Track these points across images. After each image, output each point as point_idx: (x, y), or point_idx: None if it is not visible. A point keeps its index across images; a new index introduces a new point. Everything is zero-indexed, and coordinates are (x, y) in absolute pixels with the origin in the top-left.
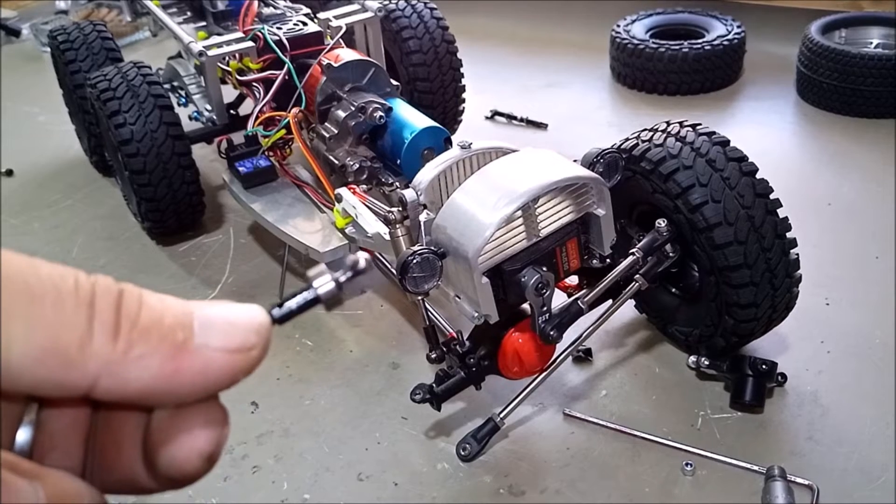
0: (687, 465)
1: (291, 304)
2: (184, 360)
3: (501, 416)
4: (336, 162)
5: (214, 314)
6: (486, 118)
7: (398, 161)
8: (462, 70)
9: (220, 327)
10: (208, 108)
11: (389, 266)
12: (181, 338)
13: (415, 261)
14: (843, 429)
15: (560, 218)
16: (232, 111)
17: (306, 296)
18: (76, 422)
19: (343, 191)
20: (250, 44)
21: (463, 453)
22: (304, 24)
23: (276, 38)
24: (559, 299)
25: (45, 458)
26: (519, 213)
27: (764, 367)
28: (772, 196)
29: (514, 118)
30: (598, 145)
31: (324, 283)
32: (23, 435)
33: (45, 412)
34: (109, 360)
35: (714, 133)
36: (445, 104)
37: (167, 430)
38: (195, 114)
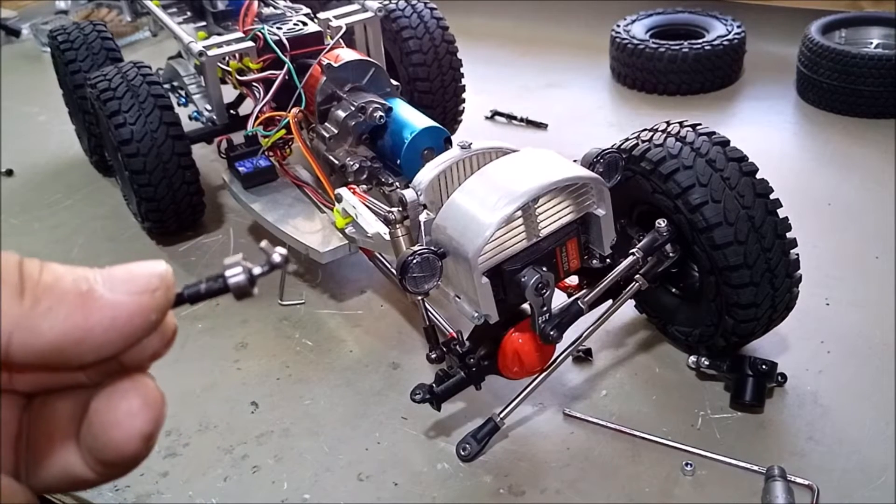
0: (687, 465)
1: (201, 286)
2: (91, 307)
3: (501, 416)
4: (336, 162)
5: (115, 269)
6: (486, 118)
7: (398, 161)
8: (462, 70)
9: (122, 277)
10: (208, 108)
11: (389, 266)
12: (84, 288)
13: (415, 261)
14: (843, 429)
15: (560, 218)
16: (232, 111)
17: (217, 283)
18: (6, 420)
19: (343, 191)
20: (250, 44)
21: (463, 453)
22: (304, 24)
23: (276, 38)
24: (559, 299)
25: None
26: (519, 213)
27: (764, 367)
28: (772, 196)
29: (514, 118)
30: (598, 145)
31: (235, 273)
32: None
33: None
34: (19, 315)
35: (714, 133)
36: (445, 104)
37: (105, 413)
38: (195, 114)
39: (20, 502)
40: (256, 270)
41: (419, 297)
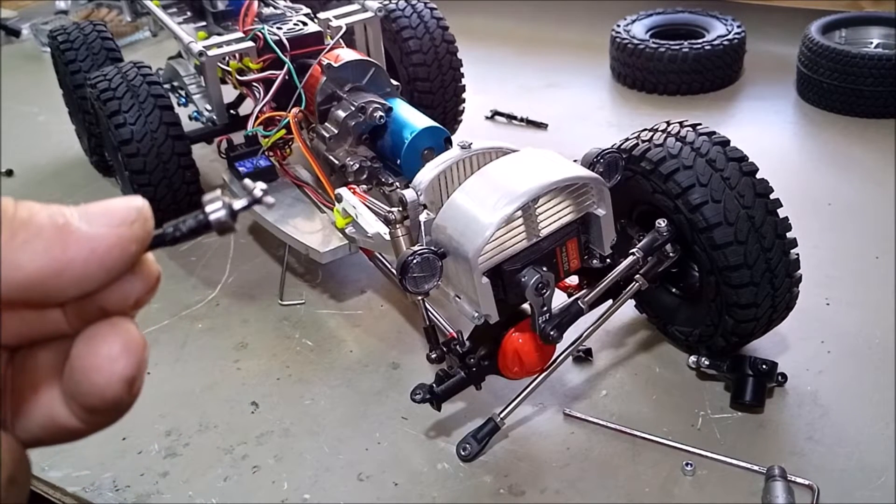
0: (687, 465)
1: (182, 225)
2: (68, 240)
3: (501, 416)
4: (336, 162)
5: (91, 205)
6: (486, 118)
7: (398, 161)
8: (462, 70)
9: (98, 211)
10: (208, 108)
11: (389, 266)
12: (61, 221)
13: (415, 261)
14: (843, 429)
15: (560, 218)
16: (232, 111)
17: (198, 219)
18: None
19: (343, 191)
20: (250, 44)
21: (463, 453)
22: (304, 24)
23: (276, 38)
24: (559, 299)
25: None
26: (519, 213)
27: (764, 367)
28: (772, 196)
29: (514, 118)
30: (598, 145)
31: (215, 208)
32: None
33: None
34: None
35: (714, 133)
36: (445, 104)
37: (85, 357)
38: (195, 114)
39: (6, 451)
40: (237, 205)
41: (419, 297)
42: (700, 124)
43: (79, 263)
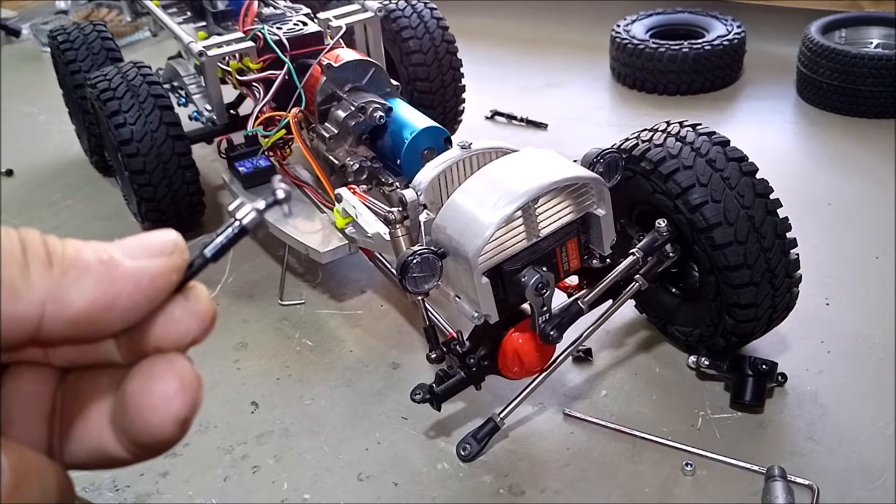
0: (687, 465)
1: (220, 239)
2: (115, 275)
3: (501, 416)
4: (336, 162)
5: (128, 240)
6: (486, 118)
7: (398, 161)
8: (462, 70)
9: (137, 245)
10: (208, 108)
11: (389, 266)
12: (106, 257)
13: (415, 261)
14: (843, 429)
15: (560, 218)
16: (232, 111)
17: (233, 228)
18: (37, 396)
19: (343, 191)
20: (250, 44)
21: (463, 453)
22: (304, 24)
23: (276, 38)
24: (559, 299)
25: (5, 433)
26: (519, 213)
27: (764, 367)
28: (772, 196)
29: (514, 118)
30: (598, 145)
31: (246, 212)
32: None
33: (4, 385)
34: (50, 285)
35: (714, 133)
36: (445, 104)
37: (140, 395)
38: (195, 114)
39: (49, 480)
40: (260, 205)
41: (419, 297)
42: (700, 124)
43: (126, 296)
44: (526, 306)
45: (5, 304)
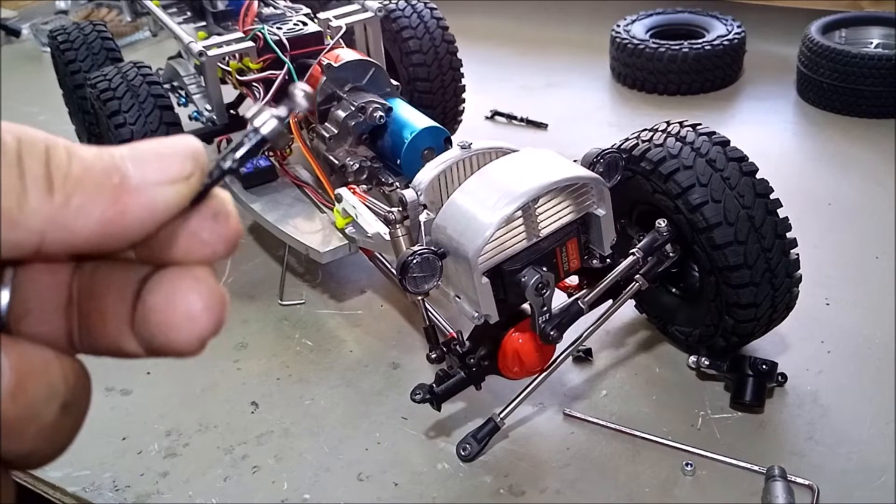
0: (687, 465)
1: (239, 151)
2: (126, 200)
3: (501, 416)
4: (336, 162)
5: (145, 149)
6: (486, 118)
7: (398, 161)
8: (462, 70)
9: (154, 161)
10: (208, 108)
11: (389, 266)
12: (117, 180)
13: (415, 261)
14: (843, 429)
15: (560, 218)
16: (232, 111)
17: (252, 139)
18: (52, 285)
19: (343, 191)
20: (250, 44)
21: (463, 453)
22: (304, 24)
23: (276, 38)
24: (559, 299)
25: (21, 322)
26: (519, 213)
27: (764, 367)
28: (772, 196)
29: (514, 118)
30: (598, 145)
31: (265, 120)
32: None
33: (18, 276)
34: (50, 214)
35: (714, 133)
36: (445, 104)
37: (164, 312)
38: (195, 114)
39: (56, 375)
40: (282, 112)
41: (419, 297)
42: (700, 124)
43: (136, 224)
44: (526, 306)
45: (3, 233)
